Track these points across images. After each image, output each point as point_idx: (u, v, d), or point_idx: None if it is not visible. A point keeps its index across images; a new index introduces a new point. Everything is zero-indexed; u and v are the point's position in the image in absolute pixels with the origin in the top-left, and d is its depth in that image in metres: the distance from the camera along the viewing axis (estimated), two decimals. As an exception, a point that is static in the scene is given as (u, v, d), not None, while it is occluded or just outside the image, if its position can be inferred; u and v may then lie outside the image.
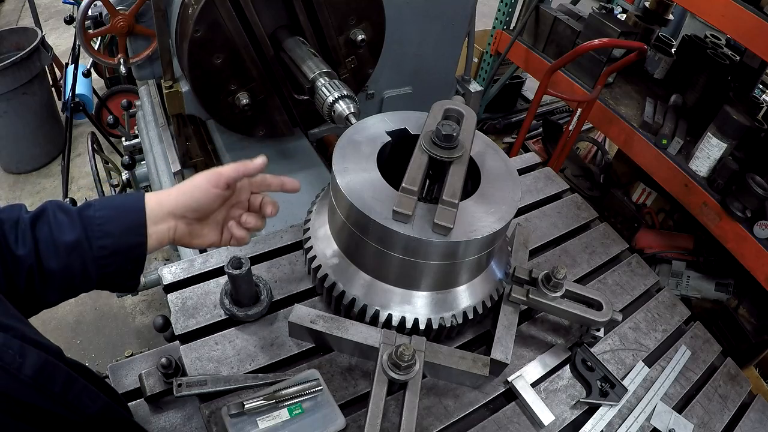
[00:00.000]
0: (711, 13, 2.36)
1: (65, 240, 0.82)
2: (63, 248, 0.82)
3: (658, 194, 3.20)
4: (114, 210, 0.87)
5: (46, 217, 0.84)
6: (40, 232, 0.82)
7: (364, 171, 1.12)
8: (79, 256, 0.84)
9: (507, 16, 3.67)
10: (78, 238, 0.83)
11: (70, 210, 0.85)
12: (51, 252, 0.82)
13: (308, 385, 1.05)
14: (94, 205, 0.86)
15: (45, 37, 3.67)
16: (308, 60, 1.55)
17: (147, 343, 2.96)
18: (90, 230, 0.84)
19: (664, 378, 1.29)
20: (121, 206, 0.88)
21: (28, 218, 0.83)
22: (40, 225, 0.83)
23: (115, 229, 0.86)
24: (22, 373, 0.67)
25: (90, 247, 0.84)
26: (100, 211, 0.86)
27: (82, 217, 0.85)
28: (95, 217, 0.85)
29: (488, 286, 1.21)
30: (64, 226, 0.83)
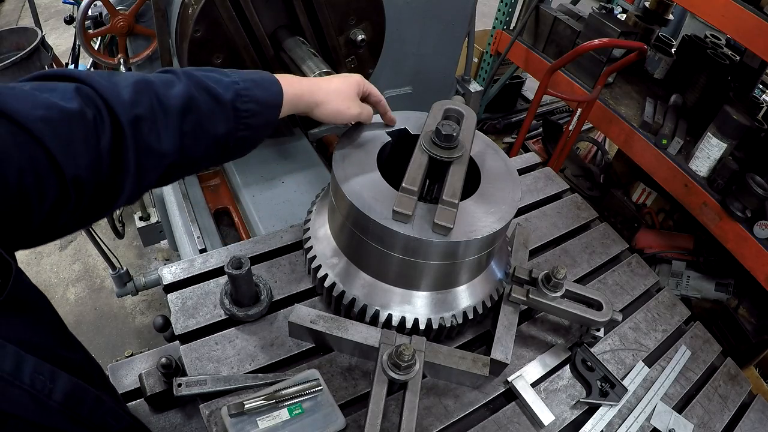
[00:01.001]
0: (711, 13, 2.36)
1: (216, 134, 0.86)
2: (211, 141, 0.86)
3: (658, 194, 3.20)
4: (259, 105, 0.92)
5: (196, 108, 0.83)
6: (188, 124, 0.82)
7: (364, 171, 1.12)
8: (219, 148, 0.89)
9: (507, 16, 3.67)
10: (226, 132, 0.88)
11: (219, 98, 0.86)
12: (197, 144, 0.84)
13: (308, 385, 1.05)
14: (242, 97, 0.89)
15: (45, 37, 3.65)
16: (308, 60, 1.55)
17: (147, 343, 2.96)
18: (237, 123, 0.89)
19: (664, 378, 1.29)
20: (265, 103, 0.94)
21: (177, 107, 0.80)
22: (190, 116, 0.82)
23: (257, 123, 0.93)
24: (52, 399, 0.65)
25: (230, 139, 0.89)
26: (247, 104, 0.90)
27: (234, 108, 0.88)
28: (243, 110, 0.89)
29: (488, 286, 1.21)
30: (217, 118, 0.86)
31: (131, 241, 3.46)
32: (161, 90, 0.80)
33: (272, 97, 0.96)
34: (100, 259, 2.31)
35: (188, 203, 1.80)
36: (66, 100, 0.69)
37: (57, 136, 0.66)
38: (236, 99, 0.88)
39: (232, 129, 0.89)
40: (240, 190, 1.83)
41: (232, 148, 0.93)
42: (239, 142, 0.93)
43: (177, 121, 0.80)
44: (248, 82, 0.92)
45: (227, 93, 0.87)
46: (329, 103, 1.07)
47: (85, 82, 0.73)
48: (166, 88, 0.81)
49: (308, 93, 1.05)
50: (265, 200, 1.79)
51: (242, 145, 0.95)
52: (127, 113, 0.74)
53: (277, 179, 1.86)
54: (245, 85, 0.90)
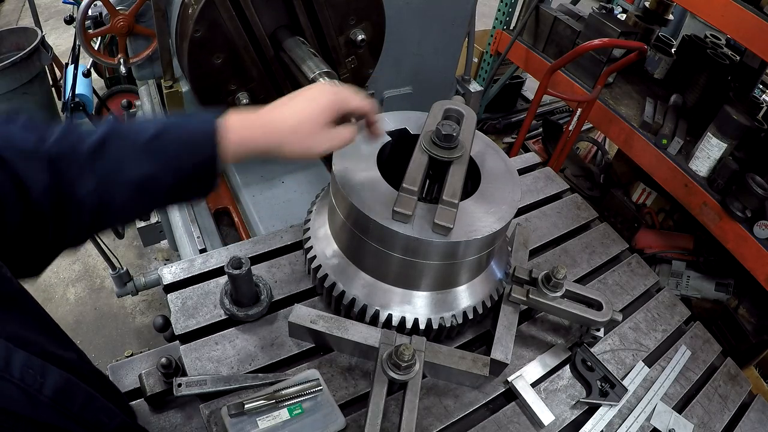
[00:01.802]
0: (711, 13, 2.36)
1: (133, 176, 0.76)
2: (131, 185, 0.77)
3: (658, 194, 3.19)
4: (184, 145, 0.80)
5: (108, 147, 0.75)
6: (101, 167, 0.75)
7: (364, 171, 1.12)
8: (149, 194, 0.80)
9: (507, 16, 3.67)
10: (148, 173, 0.77)
11: (136, 138, 0.77)
12: (115, 188, 0.76)
13: (308, 385, 1.05)
14: (163, 136, 0.78)
15: (45, 37, 3.66)
16: (308, 60, 1.55)
17: (147, 343, 2.96)
18: (160, 164, 0.78)
19: (664, 378, 1.29)
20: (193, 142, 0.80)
21: (88, 149, 0.74)
22: (102, 159, 0.75)
23: (185, 164, 0.80)
24: (42, 394, 0.65)
25: (161, 185, 0.79)
26: (170, 144, 0.79)
27: (152, 149, 0.77)
28: (164, 152, 0.78)
29: (488, 286, 1.21)
30: (132, 158, 0.76)
31: (131, 241, 3.46)
32: (79, 137, 0.75)
33: (199, 136, 0.81)
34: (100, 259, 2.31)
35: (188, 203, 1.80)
36: None
37: None
38: (156, 139, 0.78)
39: (155, 172, 0.77)
40: (240, 190, 1.83)
41: (168, 195, 0.83)
42: (175, 189, 0.82)
43: (89, 165, 0.74)
44: (177, 121, 0.83)
45: (144, 133, 0.78)
46: (288, 145, 0.89)
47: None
48: (87, 135, 0.76)
49: (263, 137, 0.88)
50: (265, 200, 1.79)
51: (179, 191, 0.83)
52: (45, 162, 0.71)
53: (277, 179, 1.86)
54: (170, 125, 0.81)
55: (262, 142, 0.88)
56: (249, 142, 0.86)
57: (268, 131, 0.88)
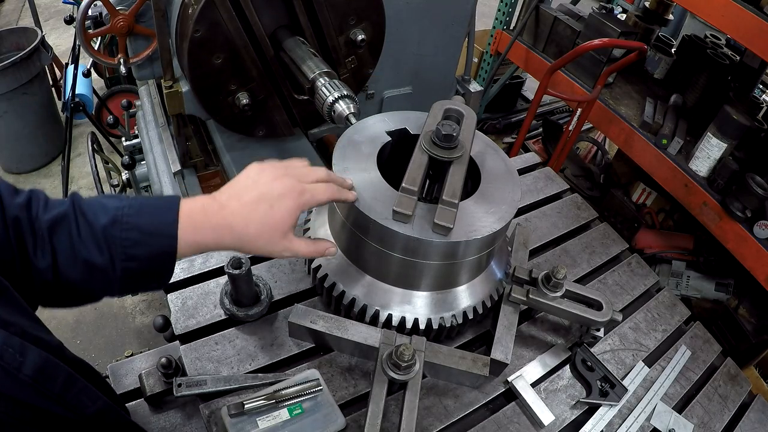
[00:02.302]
0: (711, 13, 2.36)
1: (88, 259, 0.77)
2: (85, 266, 0.77)
3: (658, 194, 3.20)
4: (142, 233, 0.79)
5: (66, 225, 0.77)
6: (59, 243, 0.76)
7: (364, 171, 1.12)
8: (102, 276, 0.79)
9: (507, 16, 3.67)
10: (103, 261, 0.77)
11: (93, 222, 0.77)
12: (71, 266, 0.77)
13: (308, 385, 1.05)
14: (120, 223, 0.78)
15: (45, 37, 3.67)
16: (308, 60, 1.55)
17: (147, 343, 2.96)
18: (115, 252, 0.77)
19: (664, 378, 1.29)
20: (150, 231, 0.79)
21: (47, 223, 0.76)
22: (60, 234, 0.76)
23: (143, 253, 0.79)
24: (22, 373, 0.65)
25: (114, 270, 0.78)
26: (127, 232, 0.78)
27: (107, 236, 0.77)
28: (122, 239, 0.78)
29: (488, 286, 1.21)
30: (88, 243, 0.77)
31: (131, 241, 3.46)
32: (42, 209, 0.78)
33: (159, 226, 0.80)
34: (100, 259, 2.30)
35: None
36: None
37: None
38: (112, 225, 0.77)
39: (110, 257, 0.77)
40: (240, 190, 1.83)
41: (128, 279, 0.80)
42: (132, 274, 0.80)
43: (48, 239, 0.76)
44: (135, 208, 0.80)
45: (102, 218, 0.77)
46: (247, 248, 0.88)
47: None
48: (51, 207, 0.78)
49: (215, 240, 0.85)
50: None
51: (141, 276, 0.81)
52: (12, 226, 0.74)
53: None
54: (130, 211, 0.79)
55: (214, 245, 0.85)
56: (199, 244, 0.84)
57: (224, 235, 0.85)
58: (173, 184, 1.96)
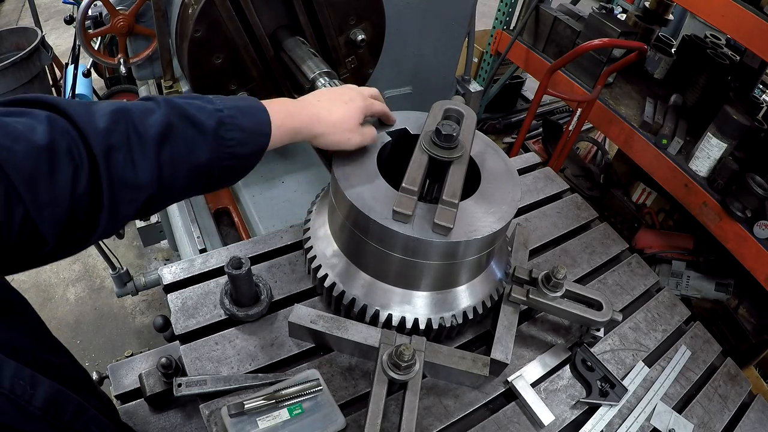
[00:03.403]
0: (711, 13, 2.36)
1: (197, 163, 0.80)
2: (193, 171, 0.81)
3: (658, 194, 3.20)
4: (245, 134, 0.87)
5: (174, 136, 0.78)
6: (166, 153, 0.77)
7: (364, 171, 1.12)
8: (204, 178, 0.84)
9: (507, 16, 3.67)
10: (208, 163, 0.82)
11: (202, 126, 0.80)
12: (177, 174, 0.79)
13: (308, 385, 1.05)
14: (226, 124, 0.83)
15: (45, 37, 3.67)
16: (308, 60, 1.55)
17: (147, 343, 2.96)
18: (221, 152, 0.83)
19: (664, 378, 1.29)
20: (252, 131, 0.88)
21: (155, 136, 0.75)
22: (168, 145, 0.77)
23: (244, 152, 0.87)
24: (32, 405, 0.64)
25: (214, 168, 0.84)
26: (232, 132, 0.84)
27: (217, 137, 0.82)
28: (227, 139, 0.84)
29: (488, 286, 1.21)
30: (197, 145, 0.80)
31: (131, 241, 3.46)
32: (138, 118, 0.76)
33: (259, 125, 0.89)
34: (100, 259, 2.31)
35: (188, 203, 1.80)
36: (34, 132, 0.65)
37: (19, 170, 0.63)
38: (219, 127, 0.82)
39: (216, 158, 0.83)
40: (240, 190, 1.83)
41: (217, 177, 0.87)
42: (224, 172, 0.87)
43: (154, 151, 0.76)
44: (233, 109, 0.86)
45: (210, 120, 0.82)
46: (329, 136, 1.03)
47: (61, 110, 0.70)
48: (144, 116, 0.76)
49: (306, 126, 0.99)
50: (265, 200, 1.79)
51: (228, 174, 0.90)
52: (101, 144, 0.70)
53: (277, 179, 1.86)
54: (230, 113, 0.85)
55: (305, 132, 1.00)
56: (294, 132, 0.97)
57: (313, 124, 1.00)
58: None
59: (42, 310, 2.94)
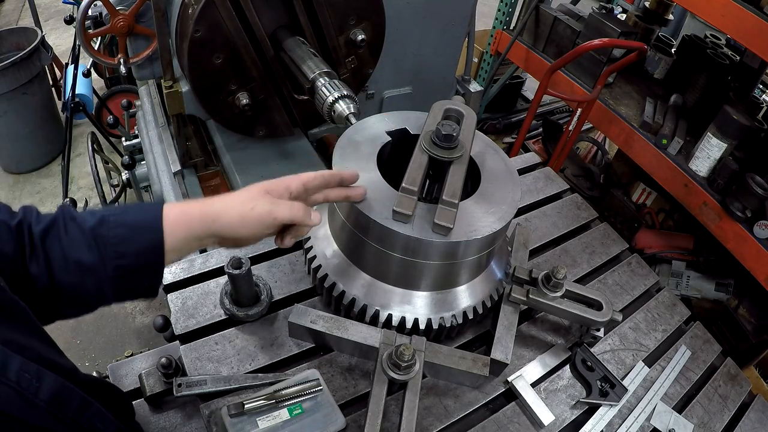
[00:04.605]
0: (711, 13, 2.35)
1: (79, 259, 0.78)
2: (76, 267, 0.79)
3: (658, 194, 3.19)
4: (129, 229, 0.81)
5: (56, 230, 0.79)
6: (51, 248, 0.78)
7: (364, 171, 1.12)
8: (93, 277, 0.80)
9: (507, 16, 3.67)
10: (93, 260, 0.79)
11: (82, 224, 0.80)
12: (63, 269, 0.79)
13: (308, 385, 1.05)
14: (108, 222, 0.81)
15: (45, 37, 3.67)
16: (308, 60, 1.55)
17: (147, 343, 2.96)
18: (105, 251, 0.79)
19: (664, 378, 1.29)
20: (136, 226, 0.82)
21: (39, 232, 0.78)
22: (52, 240, 0.79)
23: (131, 249, 0.81)
24: (38, 398, 0.66)
25: (105, 269, 0.80)
26: (114, 229, 0.80)
27: (96, 236, 0.79)
28: (110, 237, 0.80)
29: (488, 286, 1.21)
30: (78, 243, 0.79)
31: (131, 241, 3.45)
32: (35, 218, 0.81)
33: (146, 220, 0.83)
34: (100, 259, 2.31)
35: (188, 203, 1.79)
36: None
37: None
38: (99, 225, 0.80)
39: (102, 257, 0.79)
40: (240, 190, 1.83)
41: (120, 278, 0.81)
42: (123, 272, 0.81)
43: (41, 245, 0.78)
44: (122, 208, 0.85)
45: (90, 219, 0.81)
46: (227, 211, 0.88)
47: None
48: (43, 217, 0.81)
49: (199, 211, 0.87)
50: (265, 200, 1.79)
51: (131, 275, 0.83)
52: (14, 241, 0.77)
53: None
54: (116, 212, 0.83)
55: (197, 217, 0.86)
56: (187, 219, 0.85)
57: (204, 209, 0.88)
58: (173, 184, 1.96)
59: (42, 310, 2.93)
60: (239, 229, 0.88)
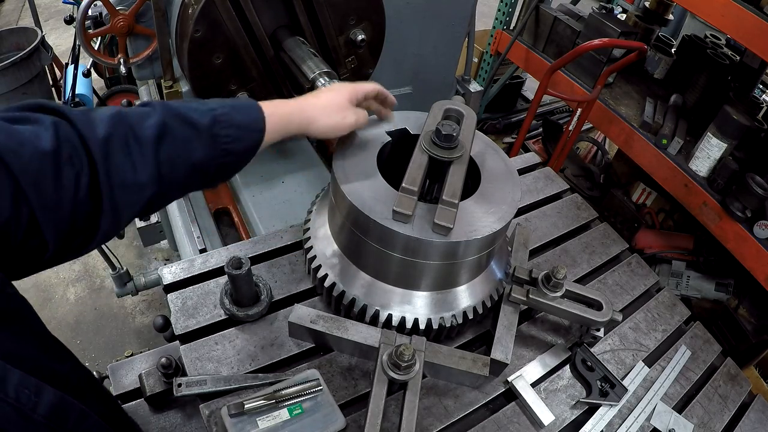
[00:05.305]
0: (711, 13, 2.36)
1: (194, 161, 0.83)
2: (189, 168, 0.83)
3: (658, 194, 3.19)
4: (239, 130, 0.89)
5: (170, 135, 0.80)
6: (164, 152, 0.79)
7: (364, 171, 1.12)
8: (199, 175, 0.86)
9: (507, 16, 3.67)
10: (206, 158, 0.84)
11: (196, 124, 0.83)
12: (175, 171, 0.81)
13: (308, 385, 1.05)
14: (220, 122, 0.86)
15: (45, 37, 3.67)
16: (308, 60, 1.55)
17: (147, 343, 2.96)
18: (217, 149, 0.85)
19: (664, 378, 1.29)
20: (246, 126, 0.90)
21: (152, 137, 0.78)
22: (165, 144, 0.80)
23: (238, 148, 0.89)
24: (37, 413, 0.65)
25: (211, 166, 0.86)
26: (227, 128, 0.87)
27: (212, 135, 0.85)
28: (223, 136, 0.86)
29: (488, 286, 1.21)
30: (193, 144, 0.83)
31: (131, 241, 3.46)
32: (136, 122, 0.79)
33: (252, 121, 0.92)
34: (100, 259, 2.31)
35: (188, 203, 1.79)
36: (39, 138, 0.68)
37: (25, 172, 0.66)
38: (214, 124, 0.85)
39: (212, 155, 0.86)
40: (240, 190, 1.83)
41: (214, 174, 0.90)
42: (221, 168, 0.90)
43: (152, 151, 0.79)
44: (227, 107, 0.89)
45: (204, 119, 0.84)
46: (323, 118, 1.05)
47: (64, 117, 0.73)
48: (141, 119, 0.79)
49: (297, 112, 1.02)
50: (265, 200, 1.79)
51: (224, 170, 0.92)
52: (101, 149, 0.73)
53: (277, 179, 1.86)
54: (223, 111, 0.88)
55: (298, 119, 1.01)
56: (287, 121, 0.99)
57: (304, 109, 1.03)
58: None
59: (42, 310, 2.94)
60: (329, 132, 1.07)
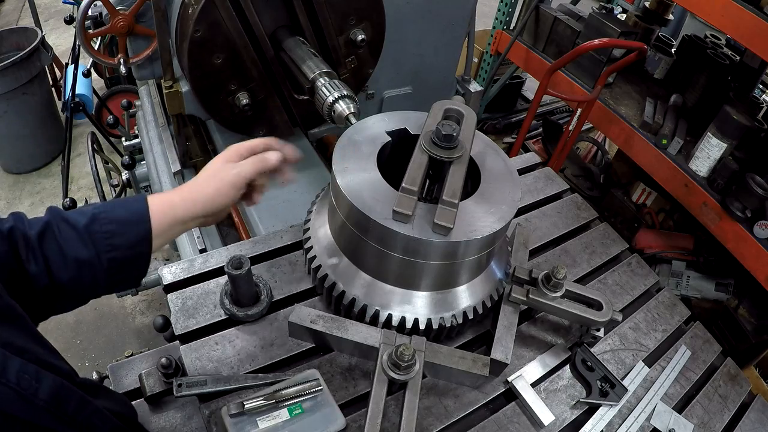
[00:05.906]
0: (711, 13, 2.36)
1: (76, 256, 0.84)
2: (74, 264, 0.84)
3: (658, 194, 3.20)
4: (119, 224, 0.89)
5: (51, 232, 0.85)
6: (48, 249, 0.84)
7: (364, 171, 1.12)
8: (90, 271, 0.86)
9: (507, 16, 3.67)
10: (89, 255, 0.85)
11: (75, 224, 0.86)
12: (62, 267, 0.84)
13: (308, 385, 1.05)
14: (99, 219, 0.87)
15: (45, 37, 3.67)
16: (308, 60, 1.55)
17: (147, 343, 2.96)
18: (99, 246, 0.86)
19: (664, 378, 1.29)
20: (126, 220, 0.90)
21: (35, 235, 0.83)
22: (48, 241, 0.84)
23: (123, 242, 0.88)
24: (38, 398, 0.68)
25: (100, 262, 0.86)
26: (106, 225, 0.87)
27: (90, 233, 0.86)
28: (102, 232, 0.87)
29: (488, 286, 1.21)
30: (73, 241, 0.85)
31: (131, 241, 3.46)
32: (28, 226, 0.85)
33: (133, 213, 0.91)
34: (100, 259, 2.31)
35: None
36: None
37: None
38: (92, 222, 0.87)
39: (95, 251, 0.86)
40: (240, 190, 1.83)
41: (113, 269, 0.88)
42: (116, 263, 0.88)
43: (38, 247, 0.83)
44: (110, 205, 0.91)
45: (82, 218, 0.87)
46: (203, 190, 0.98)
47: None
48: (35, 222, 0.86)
49: (179, 194, 0.97)
50: (265, 200, 1.78)
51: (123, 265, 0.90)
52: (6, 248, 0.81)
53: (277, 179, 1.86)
54: (105, 209, 0.90)
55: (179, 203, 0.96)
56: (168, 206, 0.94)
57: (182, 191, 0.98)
58: (173, 184, 1.96)
59: (42, 310, 2.93)
60: (218, 199, 0.98)
